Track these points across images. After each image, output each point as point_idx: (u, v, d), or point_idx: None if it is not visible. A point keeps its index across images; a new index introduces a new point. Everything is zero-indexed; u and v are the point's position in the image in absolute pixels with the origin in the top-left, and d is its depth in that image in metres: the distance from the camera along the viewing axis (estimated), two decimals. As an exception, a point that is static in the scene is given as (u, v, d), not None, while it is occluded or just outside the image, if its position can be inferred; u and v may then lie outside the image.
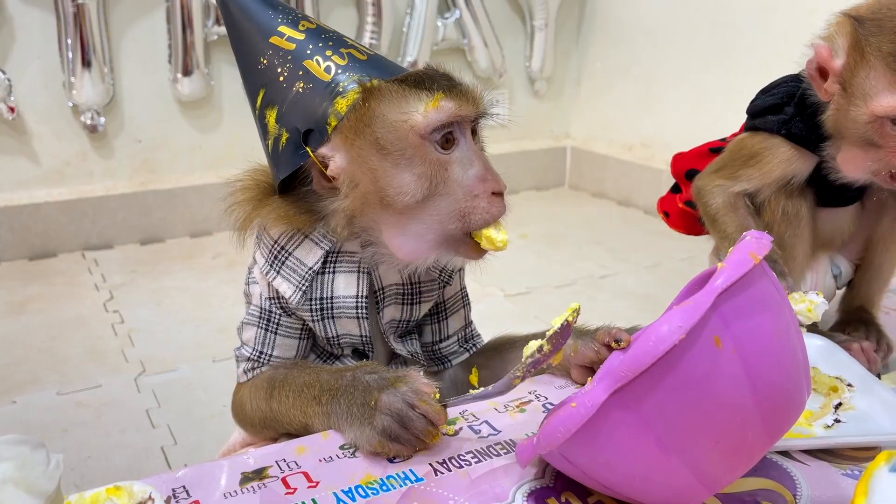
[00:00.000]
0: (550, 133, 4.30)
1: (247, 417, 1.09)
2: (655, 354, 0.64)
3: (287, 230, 1.02)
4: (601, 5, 4.02)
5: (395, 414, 0.88)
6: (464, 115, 0.94)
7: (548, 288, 2.95)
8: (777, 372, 0.68)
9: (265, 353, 1.08)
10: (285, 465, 0.89)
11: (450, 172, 0.94)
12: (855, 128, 1.05)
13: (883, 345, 1.15)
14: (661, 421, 0.67)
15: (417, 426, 0.88)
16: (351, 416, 0.92)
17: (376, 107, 0.93)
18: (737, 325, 0.66)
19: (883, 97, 1.00)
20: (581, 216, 3.85)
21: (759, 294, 0.68)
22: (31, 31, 3.05)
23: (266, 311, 1.06)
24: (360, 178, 0.95)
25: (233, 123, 3.46)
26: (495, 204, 0.95)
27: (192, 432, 2.01)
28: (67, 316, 2.68)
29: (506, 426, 0.98)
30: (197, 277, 3.02)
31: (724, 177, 1.20)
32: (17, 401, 2.15)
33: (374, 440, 0.89)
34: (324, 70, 0.95)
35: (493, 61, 3.89)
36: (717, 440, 0.68)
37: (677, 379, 0.65)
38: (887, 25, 0.99)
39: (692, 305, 0.65)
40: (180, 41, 3.22)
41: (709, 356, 0.66)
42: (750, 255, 0.69)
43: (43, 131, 3.19)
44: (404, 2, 3.62)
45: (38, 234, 3.20)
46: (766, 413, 0.68)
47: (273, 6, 1.01)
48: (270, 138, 0.98)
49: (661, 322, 0.65)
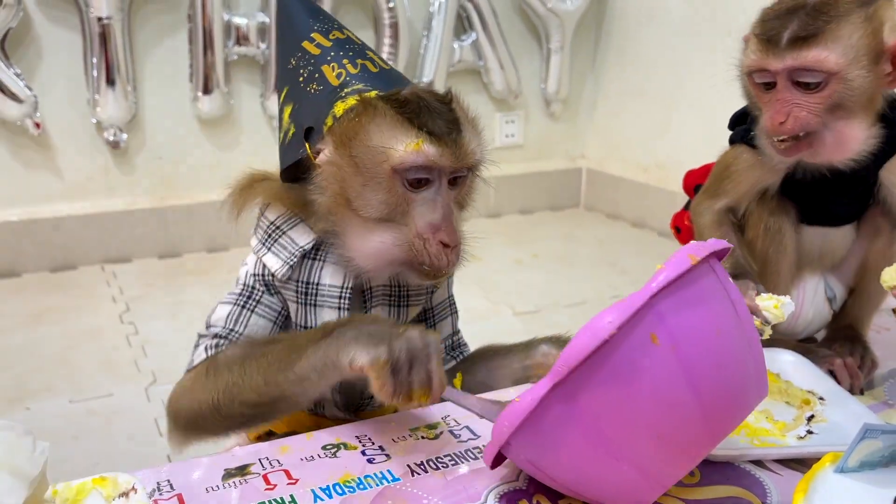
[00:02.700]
0: (566, 154, 4.33)
1: (194, 395, 1.01)
2: (589, 348, 0.66)
3: (284, 213, 1.06)
4: (617, 28, 4.06)
5: (412, 351, 0.86)
6: (442, 165, 0.96)
7: (557, 307, 2.97)
8: (717, 371, 0.69)
9: (236, 330, 1.04)
10: (267, 463, 0.92)
11: (410, 209, 0.97)
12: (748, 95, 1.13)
13: (867, 361, 1.15)
14: (600, 416, 0.69)
15: (420, 376, 0.85)
16: (359, 338, 0.89)
17: (366, 124, 0.96)
18: (673, 323, 0.68)
19: (746, 56, 1.09)
20: (594, 237, 3.87)
21: (699, 294, 0.70)
22: (57, 50, 3.15)
23: (248, 288, 1.06)
24: (335, 180, 0.99)
25: (251, 142, 3.53)
26: (441, 255, 0.97)
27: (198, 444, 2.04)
28: (84, 327, 2.74)
29: (486, 431, 1.00)
30: (211, 292, 3.07)
31: (709, 195, 1.22)
32: (30, 408, 2.20)
33: (381, 357, 0.85)
34: (335, 76, 1.01)
35: (509, 83, 3.94)
36: (658, 436, 0.69)
37: (612, 373, 0.67)
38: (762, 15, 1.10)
39: (627, 302, 0.67)
40: (201, 61, 3.30)
41: (644, 352, 0.68)
42: (688, 256, 0.71)
43: (67, 147, 3.28)
44: (421, 24, 3.69)
45: (60, 247, 3.28)
46: (707, 411, 0.69)
47: (315, 15, 1.07)
48: (283, 131, 1.06)
49: (597, 317, 0.67)
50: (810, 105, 1.05)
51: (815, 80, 1.04)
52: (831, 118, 1.06)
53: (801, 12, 1.04)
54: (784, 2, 1.08)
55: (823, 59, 1.02)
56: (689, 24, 3.60)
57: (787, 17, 1.05)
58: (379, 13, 3.52)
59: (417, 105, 0.97)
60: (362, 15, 3.59)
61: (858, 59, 1.03)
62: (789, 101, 1.05)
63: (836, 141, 1.07)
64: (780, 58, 1.04)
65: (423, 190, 0.97)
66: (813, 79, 1.04)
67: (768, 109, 1.08)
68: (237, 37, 3.34)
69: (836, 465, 0.62)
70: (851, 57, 1.03)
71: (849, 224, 1.22)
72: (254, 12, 3.37)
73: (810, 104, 1.05)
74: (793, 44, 1.03)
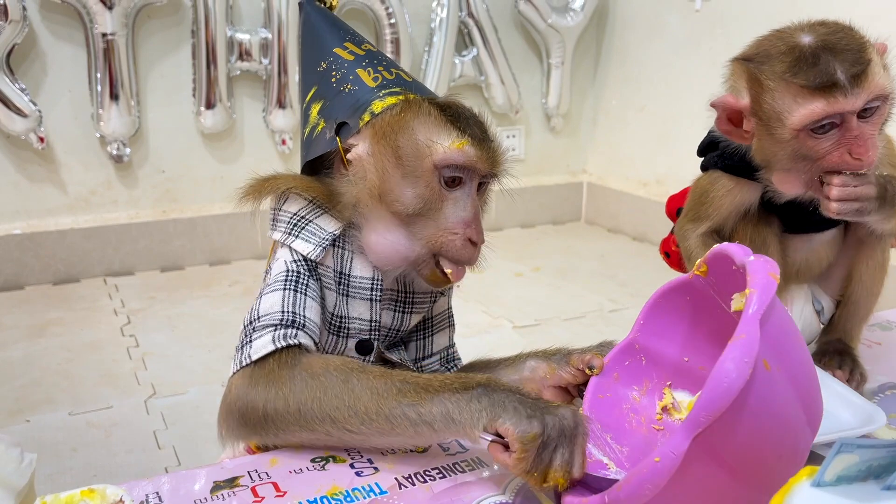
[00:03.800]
0: (567, 168, 4.34)
1: (265, 397, 0.91)
2: (731, 394, 0.66)
3: (307, 204, 1.07)
4: (617, 43, 4.09)
5: (563, 430, 0.82)
6: (479, 167, 1.02)
7: (557, 321, 2.97)
8: (810, 375, 0.74)
9: (300, 314, 0.97)
10: (256, 475, 0.93)
11: (443, 205, 1.02)
12: (782, 149, 1.08)
13: (856, 374, 1.16)
14: (734, 453, 0.70)
15: (564, 458, 0.82)
16: (510, 403, 0.84)
17: (410, 120, 1.02)
18: (776, 345, 0.71)
19: (795, 111, 1.05)
20: (595, 251, 3.87)
21: (780, 310, 0.74)
22: (62, 66, 3.18)
23: (294, 273, 1.01)
24: (371, 171, 1.03)
25: (253, 156, 3.55)
26: (467, 249, 1.02)
27: (195, 454, 2.05)
28: (85, 339, 2.75)
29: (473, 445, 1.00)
30: (213, 304, 3.09)
31: (690, 220, 1.25)
32: (30, 420, 2.21)
33: (534, 430, 0.81)
34: (372, 79, 1.06)
35: (510, 98, 3.96)
36: (779, 456, 0.72)
37: (747, 410, 0.69)
38: (773, 52, 1.07)
39: (745, 338, 0.68)
40: (204, 76, 3.33)
41: (765, 381, 0.69)
42: (770, 276, 0.73)
43: (70, 161, 3.31)
44: (422, 39, 3.72)
45: (63, 260, 3.30)
46: (809, 412, 0.73)
47: (344, 28, 1.14)
48: (309, 126, 1.08)
49: (723, 361, 0.67)
50: (874, 133, 1.07)
51: (874, 107, 1.06)
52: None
53: (827, 52, 1.04)
54: (789, 45, 1.06)
55: (883, 84, 1.05)
56: (689, 40, 3.62)
57: (826, 60, 1.03)
58: (381, 29, 3.56)
59: (457, 110, 1.04)
60: (364, 30, 3.62)
61: (892, 78, 1.08)
62: (868, 133, 1.05)
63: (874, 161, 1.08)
64: (854, 97, 1.03)
65: (457, 189, 1.02)
66: (873, 105, 1.05)
67: (836, 149, 1.06)
68: (240, 52, 3.37)
69: (813, 479, 0.62)
70: (890, 77, 1.07)
71: (832, 229, 1.24)
72: (256, 28, 3.40)
73: (873, 131, 1.07)
74: (857, 80, 1.03)
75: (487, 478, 0.93)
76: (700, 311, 0.91)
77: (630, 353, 1.00)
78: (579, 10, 3.94)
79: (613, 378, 1.00)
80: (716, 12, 3.48)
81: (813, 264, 1.24)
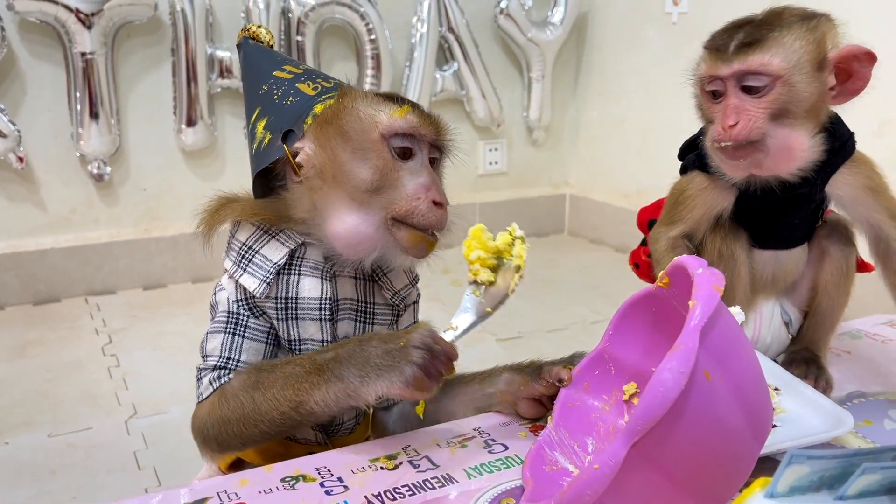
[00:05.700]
0: (549, 181, 4.36)
1: (215, 424, 1.04)
2: (667, 403, 0.68)
3: (255, 232, 1.08)
4: (597, 57, 4.12)
5: (426, 347, 0.96)
6: (423, 133, 1.06)
7: (539, 332, 2.98)
8: (758, 387, 0.75)
9: (233, 358, 1.06)
10: (226, 496, 0.93)
11: (399, 176, 1.05)
12: (703, 113, 1.19)
13: (822, 382, 1.17)
14: (674, 461, 0.71)
15: (442, 359, 0.97)
16: (377, 367, 0.97)
17: (350, 102, 1.07)
18: (719, 356, 0.72)
19: (696, 70, 1.19)
20: (578, 262, 3.89)
21: (726, 322, 0.74)
22: (41, 85, 3.18)
23: (234, 315, 1.07)
24: (322, 159, 1.05)
25: (235, 173, 3.55)
26: (433, 211, 1.04)
27: (176, 474, 2.04)
28: (66, 359, 2.74)
29: (445, 461, 1.01)
30: (195, 322, 3.08)
31: (664, 223, 1.25)
32: (9, 442, 2.20)
33: (411, 375, 0.95)
34: (312, 89, 1.10)
35: (492, 111, 3.98)
36: (721, 465, 0.73)
37: (686, 419, 0.69)
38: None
39: (683, 349, 0.69)
40: (185, 93, 3.34)
41: (705, 390, 0.70)
42: (713, 288, 0.74)
43: (51, 180, 3.30)
44: (403, 55, 3.74)
45: (43, 280, 3.28)
46: (753, 423, 0.73)
47: (283, 58, 1.18)
48: (256, 142, 1.10)
49: (661, 371, 0.68)
50: (757, 110, 1.10)
51: (760, 84, 1.09)
52: (776, 126, 1.10)
53: (747, 25, 1.13)
54: (734, 21, 1.16)
55: (767, 62, 1.09)
56: (667, 52, 3.66)
57: (734, 30, 1.13)
58: (361, 45, 3.57)
59: (391, 94, 1.11)
60: (345, 46, 3.64)
61: (801, 65, 1.09)
62: (738, 105, 1.11)
63: (780, 148, 1.11)
64: (728, 63, 1.10)
65: (410, 160, 1.06)
66: (758, 83, 1.10)
67: (718, 116, 1.13)
68: (220, 69, 3.38)
69: (766, 490, 0.63)
70: (794, 62, 1.09)
71: (799, 246, 1.26)
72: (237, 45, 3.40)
73: (757, 109, 1.10)
74: (739, 50, 1.10)
75: (456, 496, 0.93)
76: (663, 321, 0.92)
77: (600, 363, 1.02)
78: (559, 24, 3.97)
79: (584, 387, 1.02)
80: (692, 24, 3.52)
81: (780, 278, 1.26)
